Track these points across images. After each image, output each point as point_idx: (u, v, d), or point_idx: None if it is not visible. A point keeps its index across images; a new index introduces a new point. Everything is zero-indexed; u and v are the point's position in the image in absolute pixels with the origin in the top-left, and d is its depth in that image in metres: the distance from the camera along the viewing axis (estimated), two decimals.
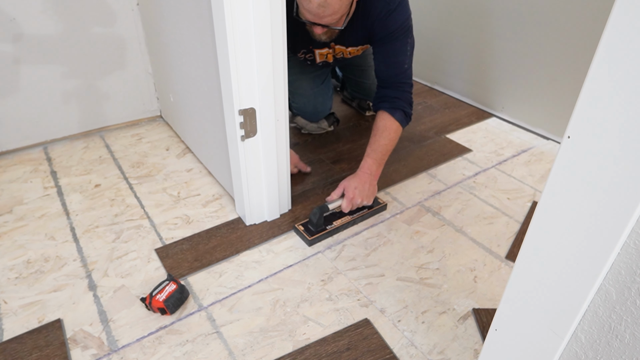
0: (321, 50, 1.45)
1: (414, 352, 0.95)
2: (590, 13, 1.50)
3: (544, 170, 1.57)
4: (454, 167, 1.59)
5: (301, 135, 1.75)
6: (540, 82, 1.73)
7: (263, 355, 0.94)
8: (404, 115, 1.36)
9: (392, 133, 1.34)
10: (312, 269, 1.15)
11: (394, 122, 1.35)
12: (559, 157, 0.46)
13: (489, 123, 1.91)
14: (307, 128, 1.66)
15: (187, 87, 1.44)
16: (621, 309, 0.47)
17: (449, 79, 2.16)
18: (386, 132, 1.33)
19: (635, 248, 0.43)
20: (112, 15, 1.60)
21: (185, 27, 1.27)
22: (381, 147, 1.33)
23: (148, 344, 0.96)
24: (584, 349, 0.52)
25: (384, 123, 1.34)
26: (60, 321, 1.00)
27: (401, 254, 1.20)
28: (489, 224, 1.32)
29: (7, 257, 1.17)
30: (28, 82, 1.54)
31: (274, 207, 1.29)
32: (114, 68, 1.69)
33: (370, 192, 1.29)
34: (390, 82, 1.37)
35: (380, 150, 1.33)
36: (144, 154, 1.63)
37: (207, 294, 1.08)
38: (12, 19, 1.43)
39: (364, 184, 1.28)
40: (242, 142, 1.13)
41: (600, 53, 0.40)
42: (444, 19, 2.04)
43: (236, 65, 1.02)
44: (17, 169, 1.53)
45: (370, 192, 1.28)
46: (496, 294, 1.09)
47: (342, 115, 1.91)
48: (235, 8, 0.95)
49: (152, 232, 1.26)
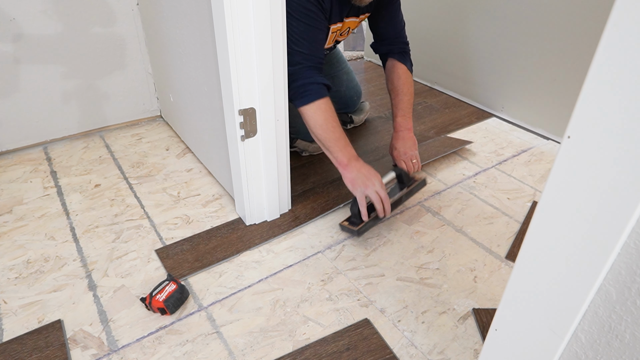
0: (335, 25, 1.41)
1: (414, 352, 0.95)
2: (590, 13, 1.50)
3: (544, 170, 1.57)
4: (454, 167, 1.59)
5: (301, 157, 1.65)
6: (540, 82, 1.73)
7: (263, 355, 0.94)
8: (410, 63, 1.49)
9: (409, 86, 1.45)
10: (312, 269, 1.15)
11: (406, 72, 1.45)
12: (559, 157, 0.46)
13: (489, 123, 1.91)
14: (309, 150, 1.62)
15: (187, 87, 1.44)
16: (621, 309, 0.46)
17: (449, 79, 2.16)
18: (405, 87, 1.44)
19: (635, 248, 0.43)
20: (112, 15, 1.60)
21: (185, 27, 1.27)
22: (405, 103, 1.44)
23: (148, 344, 0.96)
24: (584, 349, 0.52)
25: (398, 77, 1.44)
26: (60, 321, 1.00)
27: (401, 254, 1.20)
28: (489, 224, 1.32)
29: (7, 257, 1.17)
30: (28, 82, 1.54)
31: (274, 207, 1.29)
32: (114, 68, 1.69)
33: (414, 145, 1.41)
34: (396, 39, 1.47)
35: (405, 106, 1.44)
36: (144, 154, 1.63)
37: (207, 294, 1.08)
38: (12, 19, 1.43)
39: (404, 140, 1.40)
40: (242, 142, 1.13)
41: (600, 53, 0.40)
42: (444, 19, 2.04)
43: (236, 65, 1.02)
44: (17, 169, 1.53)
45: (413, 145, 1.41)
46: (496, 294, 1.09)
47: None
48: (235, 8, 0.95)
49: (152, 232, 1.26)
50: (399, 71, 1.46)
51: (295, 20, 1.14)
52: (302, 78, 1.16)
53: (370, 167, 1.23)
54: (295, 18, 1.13)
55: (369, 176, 1.19)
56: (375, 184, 1.19)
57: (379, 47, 1.52)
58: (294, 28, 1.14)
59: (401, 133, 1.43)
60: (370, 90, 2.20)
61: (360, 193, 1.19)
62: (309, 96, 1.17)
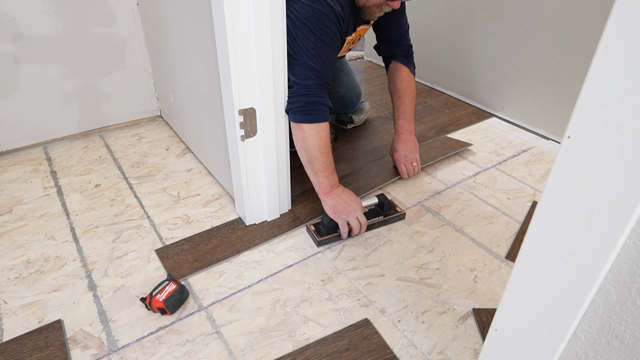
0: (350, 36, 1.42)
1: (414, 352, 0.95)
2: (590, 13, 1.50)
3: (544, 170, 1.57)
4: (454, 167, 1.59)
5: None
6: (540, 82, 1.73)
7: (263, 355, 0.94)
8: (413, 66, 1.51)
9: (412, 88, 1.48)
10: (312, 269, 1.15)
11: (409, 74, 1.49)
12: (559, 157, 0.46)
13: (489, 123, 1.91)
14: None
15: (187, 87, 1.44)
16: (621, 309, 0.46)
17: (449, 79, 2.16)
18: (407, 90, 1.47)
19: (635, 248, 0.43)
20: (112, 15, 1.60)
21: (185, 27, 1.26)
22: (407, 106, 1.48)
23: (148, 344, 0.95)
24: (584, 349, 0.52)
25: (401, 80, 1.47)
26: (60, 321, 1.00)
27: (401, 254, 1.20)
28: (489, 224, 1.32)
29: (7, 257, 1.17)
30: (28, 82, 1.54)
31: (274, 207, 1.29)
32: (114, 68, 1.69)
33: (415, 148, 1.48)
34: (400, 42, 1.50)
35: (407, 109, 1.48)
36: (144, 154, 1.63)
37: (207, 294, 1.08)
38: (12, 19, 1.43)
39: (406, 144, 1.47)
40: (242, 142, 1.13)
41: (600, 53, 0.40)
42: (444, 19, 2.04)
43: (236, 65, 1.02)
44: (17, 169, 1.53)
45: (415, 148, 1.48)
46: (496, 294, 1.09)
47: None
48: (235, 8, 0.95)
49: (152, 232, 1.26)
50: (402, 73, 1.47)
51: (314, 35, 1.13)
52: (314, 95, 1.16)
53: (350, 192, 1.26)
54: (314, 34, 1.13)
55: (349, 203, 1.22)
56: (357, 210, 1.22)
57: (382, 49, 1.53)
58: (311, 43, 1.14)
59: (402, 136, 1.47)
60: (370, 90, 2.20)
61: (342, 220, 1.21)
62: (316, 116, 1.17)
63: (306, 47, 1.13)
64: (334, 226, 1.22)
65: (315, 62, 1.15)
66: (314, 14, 1.12)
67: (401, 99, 1.47)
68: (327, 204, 1.22)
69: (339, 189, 1.24)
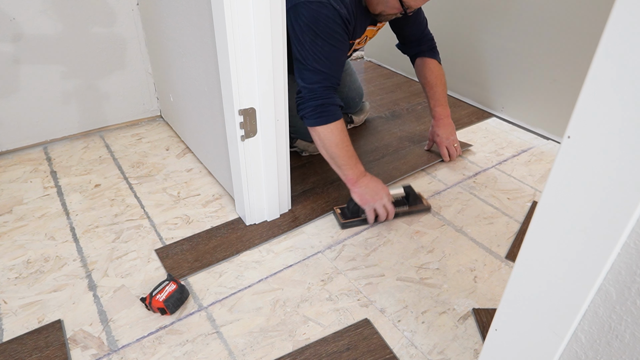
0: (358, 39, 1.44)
1: (414, 352, 0.95)
2: (590, 13, 1.50)
3: (544, 170, 1.57)
4: (454, 167, 1.59)
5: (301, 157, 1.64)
6: (540, 82, 1.73)
7: (263, 355, 0.94)
8: (439, 56, 1.58)
9: (442, 77, 1.56)
10: (312, 269, 1.15)
11: (437, 65, 1.56)
12: (559, 157, 0.46)
13: (489, 123, 1.91)
14: (309, 150, 1.62)
15: (187, 87, 1.44)
16: (621, 309, 0.46)
17: (449, 79, 2.14)
18: (438, 80, 1.55)
19: (635, 248, 0.43)
20: (112, 15, 1.60)
21: (185, 27, 1.26)
22: (440, 94, 1.56)
23: (148, 344, 0.96)
24: (584, 349, 0.52)
25: (431, 72, 1.54)
26: (60, 321, 1.00)
27: (401, 254, 1.20)
28: (489, 224, 1.32)
29: (7, 257, 1.17)
30: (28, 82, 1.54)
31: (274, 207, 1.29)
32: (114, 68, 1.69)
33: (454, 131, 1.59)
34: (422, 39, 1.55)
35: (441, 97, 1.56)
36: (144, 154, 1.63)
37: (207, 294, 1.08)
38: (12, 19, 1.43)
39: (445, 127, 1.57)
40: (242, 142, 1.13)
41: (600, 52, 0.40)
42: (444, 19, 2.04)
43: (236, 65, 1.02)
44: (17, 169, 1.53)
45: (453, 131, 1.59)
46: (496, 294, 1.09)
47: None
48: (235, 8, 0.95)
49: (152, 232, 1.26)
50: (431, 65, 1.54)
51: (321, 40, 1.15)
52: (321, 98, 1.18)
53: (379, 180, 1.28)
54: (321, 38, 1.15)
55: (377, 191, 1.26)
56: (384, 197, 1.26)
57: (407, 49, 1.58)
58: (319, 47, 1.15)
59: (442, 121, 1.57)
60: (370, 90, 2.20)
61: (369, 207, 1.25)
62: (328, 117, 1.19)
63: (314, 51, 1.15)
64: (357, 210, 1.27)
65: (323, 65, 1.17)
66: (320, 18, 1.13)
67: (434, 88, 1.55)
68: (355, 193, 1.26)
69: (366, 178, 1.26)
